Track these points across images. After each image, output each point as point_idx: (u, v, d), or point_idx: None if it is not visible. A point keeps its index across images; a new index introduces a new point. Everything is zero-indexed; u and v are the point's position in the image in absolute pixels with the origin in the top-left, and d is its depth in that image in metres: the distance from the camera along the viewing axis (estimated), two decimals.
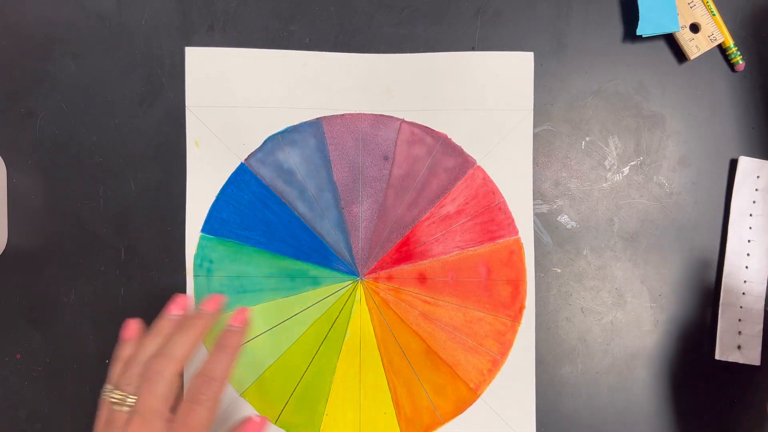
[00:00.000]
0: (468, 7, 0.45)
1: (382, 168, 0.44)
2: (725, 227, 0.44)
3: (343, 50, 0.44)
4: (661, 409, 0.44)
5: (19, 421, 0.43)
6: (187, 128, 0.44)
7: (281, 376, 0.44)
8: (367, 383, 0.44)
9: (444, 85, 0.44)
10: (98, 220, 0.44)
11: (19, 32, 0.44)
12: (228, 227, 0.44)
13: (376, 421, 0.44)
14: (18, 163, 0.44)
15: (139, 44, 0.44)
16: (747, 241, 0.44)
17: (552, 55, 0.45)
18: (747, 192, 0.44)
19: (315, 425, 0.44)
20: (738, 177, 0.44)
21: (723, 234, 0.44)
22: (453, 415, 0.44)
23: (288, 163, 0.44)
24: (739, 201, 0.44)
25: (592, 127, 0.45)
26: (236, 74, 0.44)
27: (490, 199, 0.44)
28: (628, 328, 0.44)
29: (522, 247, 0.44)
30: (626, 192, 0.45)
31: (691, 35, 0.44)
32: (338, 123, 0.44)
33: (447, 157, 0.44)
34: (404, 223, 0.44)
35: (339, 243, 0.44)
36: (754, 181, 0.44)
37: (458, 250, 0.44)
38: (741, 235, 0.44)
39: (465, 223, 0.44)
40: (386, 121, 0.44)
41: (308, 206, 0.44)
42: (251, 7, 0.44)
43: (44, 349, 0.44)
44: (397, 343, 0.44)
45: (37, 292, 0.44)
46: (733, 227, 0.44)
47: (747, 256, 0.44)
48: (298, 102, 0.44)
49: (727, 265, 0.44)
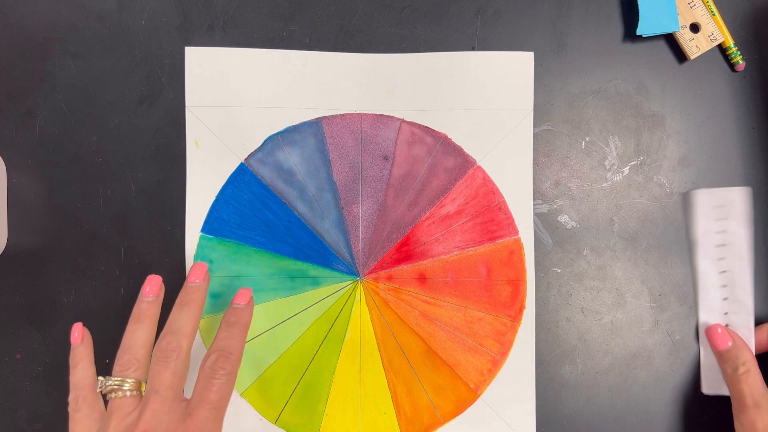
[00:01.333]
0: (468, 7, 0.45)
1: (382, 168, 0.44)
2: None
3: (343, 50, 0.44)
4: (661, 409, 0.44)
5: (19, 421, 0.43)
6: (187, 128, 0.44)
7: (281, 376, 0.44)
8: (367, 383, 0.44)
9: (444, 85, 0.44)
10: (98, 220, 0.44)
11: (19, 32, 0.44)
12: (228, 227, 0.44)
13: (376, 421, 0.44)
14: (18, 162, 0.44)
15: (139, 44, 0.44)
16: (720, 272, 0.42)
17: (552, 55, 0.45)
18: (710, 225, 0.42)
19: (315, 425, 0.44)
20: (697, 213, 0.43)
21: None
22: (453, 415, 0.44)
23: (288, 163, 0.44)
24: (702, 240, 0.42)
25: (592, 127, 0.45)
26: (236, 74, 0.44)
27: (490, 199, 0.44)
28: (628, 328, 0.44)
29: (522, 247, 0.44)
30: (626, 192, 0.45)
31: (692, 35, 0.44)
32: (338, 123, 0.44)
33: (447, 157, 0.44)
34: (404, 223, 0.44)
35: (339, 243, 0.44)
36: (715, 211, 0.42)
37: (458, 250, 0.44)
38: (710, 270, 0.42)
39: (465, 223, 0.44)
40: (386, 121, 0.44)
41: (308, 206, 0.44)
42: (251, 7, 0.44)
43: (44, 349, 0.44)
44: (397, 343, 0.44)
45: (37, 292, 0.44)
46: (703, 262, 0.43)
47: (723, 288, 0.42)
48: (298, 102, 0.44)
49: (703, 309, 0.43)
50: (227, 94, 0.44)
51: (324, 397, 0.44)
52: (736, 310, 0.42)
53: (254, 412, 0.43)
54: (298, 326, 0.44)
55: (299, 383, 0.44)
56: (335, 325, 0.44)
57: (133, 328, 0.37)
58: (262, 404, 0.44)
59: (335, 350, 0.44)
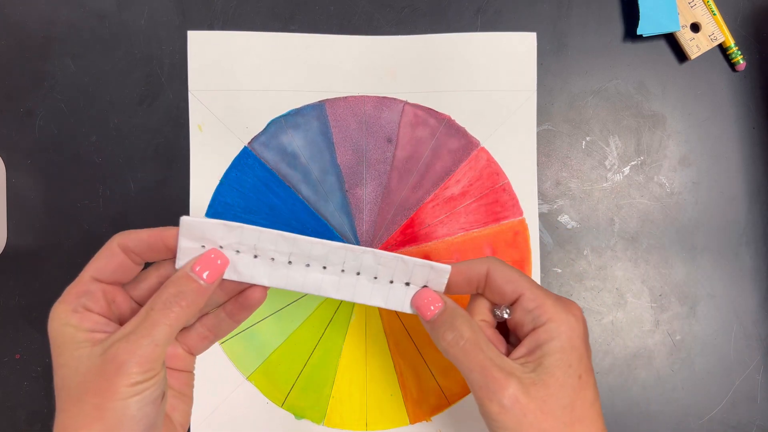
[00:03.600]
0: (468, 7, 0.45)
1: (385, 150, 0.44)
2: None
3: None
4: (661, 408, 0.44)
5: (19, 422, 0.43)
6: (190, 112, 0.44)
7: (287, 359, 0.44)
8: (373, 365, 0.44)
9: (447, 67, 0.44)
10: (98, 220, 0.44)
11: (18, 32, 0.44)
12: (232, 211, 0.44)
13: (383, 403, 0.44)
14: (17, 162, 0.44)
15: (139, 44, 0.44)
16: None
17: (552, 55, 0.45)
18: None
19: (321, 408, 0.43)
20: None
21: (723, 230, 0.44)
22: (460, 396, 0.44)
23: (291, 147, 0.44)
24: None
25: (593, 126, 0.45)
26: (239, 58, 0.44)
27: (495, 180, 0.44)
28: (628, 328, 0.44)
29: (527, 228, 0.44)
30: (627, 192, 0.45)
31: (692, 35, 0.44)
32: (341, 105, 0.44)
33: (451, 139, 0.44)
34: (408, 205, 0.44)
35: (343, 226, 0.44)
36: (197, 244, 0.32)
37: (463, 232, 0.44)
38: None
39: (469, 205, 0.44)
40: (389, 103, 0.44)
41: (312, 189, 0.44)
42: (251, 7, 0.44)
43: (44, 349, 0.43)
44: (402, 325, 0.44)
45: (36, 292, 0.44)
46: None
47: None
48: (301, 85, 0.44)
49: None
50: (230, 77, 0.44)
51: (330, 380, 0.44)
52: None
53: (261, 396, 0.43)
54: (304, 309, 0.44)
55: (305, 366, 0.44)
56: (340, 307, 0.44)
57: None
58: (268, 387, 0.43)
59: (341, 333, 0.44)
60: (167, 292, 0.30)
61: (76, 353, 0.28)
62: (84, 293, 0.30)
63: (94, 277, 0.31)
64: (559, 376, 0.30)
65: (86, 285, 0.30)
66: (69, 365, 0.28)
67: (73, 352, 0.28)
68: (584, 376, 0.31)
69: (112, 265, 0.31)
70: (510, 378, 0.30)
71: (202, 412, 0.43)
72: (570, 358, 0.31)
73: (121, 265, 0.31)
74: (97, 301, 0.30)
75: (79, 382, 0.28)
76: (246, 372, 0.44)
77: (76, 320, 0.29)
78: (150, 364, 0.28)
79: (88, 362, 0.28)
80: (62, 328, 0.29)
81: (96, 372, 0.28)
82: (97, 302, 0.30)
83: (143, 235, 0.31)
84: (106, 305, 0.31)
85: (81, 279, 0.31)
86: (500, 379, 0.30)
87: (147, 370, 0.28)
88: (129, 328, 0.29)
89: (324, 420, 0.43)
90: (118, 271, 0.31)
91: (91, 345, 0.28)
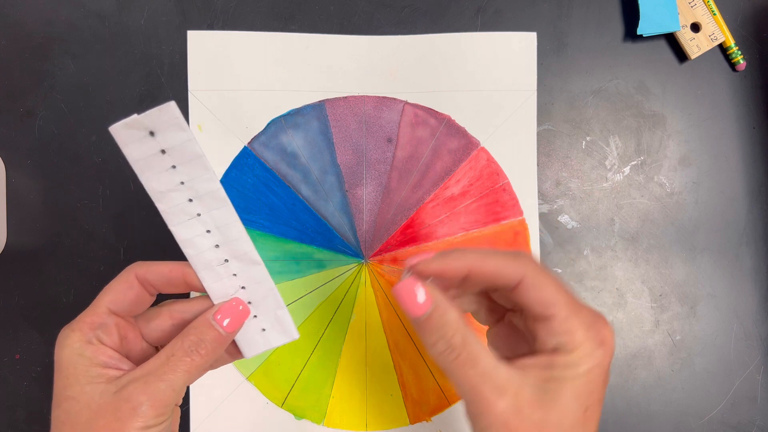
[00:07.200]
0: (468, 7, 0.45)
1: (385, 150, 0.44)
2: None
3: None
4: (661, 409, 0.44)
5: (18, 422, 0.43)
6: (190, 112, 0.44)
7: (287, 359, 0.44)
8: (373, 365, 0.44)
9: (447, 67, 0.44)
10: (97, 220, 0.44)
11: (19, 32, 0.44)
12: None
13: (383, 403, 0.44)
14: (17, 162, 0.44)
15: (139, 44, 0.44)
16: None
17: (552, 55, 0.45)
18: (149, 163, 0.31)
19: (321, 408, 0.43)
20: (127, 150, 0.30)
21: (723, 230, 0.44)
22: (460, 396, 0.44)
23: (291, 146, 0.44)
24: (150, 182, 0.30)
25: (593, 126, 0.45)
26: (239, 57, 0.44)
27: (495, 180, 0.44)
28: (628, 328, 0.44)
29: (527, 228, 0.44)
30: (627, 192, 0.45)
31: (692, 35, 0.44)
32: (341, 105, 0.44)
33: (451, 139, 0.44)
34: (408, 205, 0.44)
35: (343, 226, 0.44)
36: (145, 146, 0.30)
37: (463, 232, 0.44)
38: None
39: (469, 205, 0.44)
40: (389, 103, 0.44)
41: (312, 189, 0.44)
42: (250, 7, 0.44)
43: (44, 349, 0.43)
44: (402, 325, 0.44)
45: (36, 292, 0.44)
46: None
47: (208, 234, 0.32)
48: (301, 85, 0.44)
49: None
50: (230, 77, 0.44)
51: (330, 380, 0.44)
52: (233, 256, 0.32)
53: (261, 396, 0.43)
54: (304, 309, 0.44)
55: (305, 366, 0.44)
56: (341, 307, 0.44)
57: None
58: (268, 387, 0.43)
59: (341, 333, 0.44)
60: (189, 339, 0.29)
61: (88, 387, 0.28)
62: (99, 325, 0.29)
63: (110, 309, 0.30)
64: (564, 404, 0.27)
65: (102, 317, 0.30)
66: (79, 399, 0.28)
67: (84, 386, 0.28)
68: (590, 410, 0.28)
69: (130, 298, 0.30)
70: (502, 397, 0.27)
71: (202, 412, 0.43)
72: (582, 390, 0.28)
73: (137, 297, 0.30)
74: (111, 335, 0.30)
75: (90, 418, 0.27)
76: (246, 372, 0.44)
77: (90, 352, 0.29)
78: (164, 408, 0.28)
79: (100, 399, 0.27)
80: (75, 359, 0.28)
81: (109, 410, 0.27)
82: (111, 336, 0.30)
83: (164, 269, 0.31)
84: (119, 340, 0.30)
85: (96, 309, 0.30)
86: (491, 399, 0.27)
87: (160, 414, 0.27)
88: (147, 369, 0.28)
89: (324, 420, 0.43)
90: (134, 303, 0.30)
91: (105, 382, 0.28)
